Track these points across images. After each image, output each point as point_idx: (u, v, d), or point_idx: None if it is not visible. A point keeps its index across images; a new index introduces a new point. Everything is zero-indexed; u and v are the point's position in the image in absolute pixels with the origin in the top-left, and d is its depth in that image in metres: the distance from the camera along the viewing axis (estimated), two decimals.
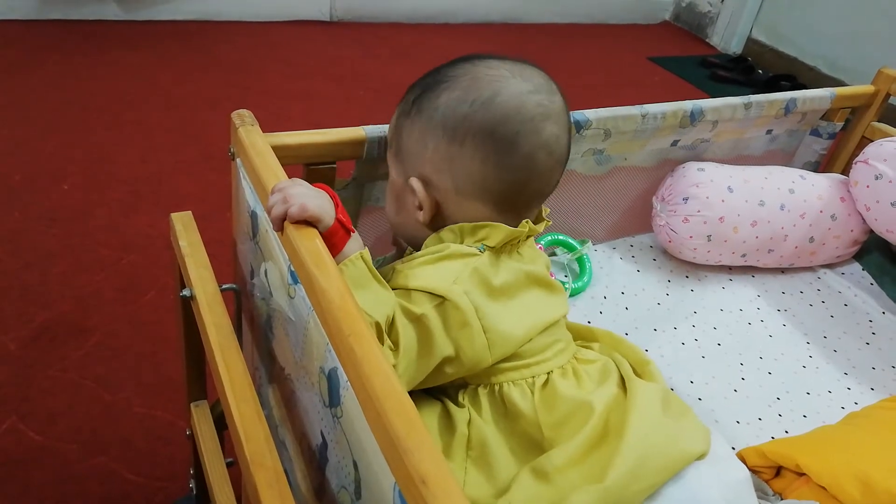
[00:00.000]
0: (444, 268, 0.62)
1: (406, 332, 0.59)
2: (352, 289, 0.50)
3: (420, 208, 0.66)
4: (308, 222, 0.55)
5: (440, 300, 0.60)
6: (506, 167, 0.63)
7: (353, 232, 0.60)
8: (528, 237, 0.67)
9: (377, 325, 0.56)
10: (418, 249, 0.67)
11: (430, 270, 0.62)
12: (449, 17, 2.99)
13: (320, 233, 0.55)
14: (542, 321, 0.65)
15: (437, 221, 0.67)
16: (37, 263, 1.39)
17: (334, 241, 0.57)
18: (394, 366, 0.55)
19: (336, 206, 0.58)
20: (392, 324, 0.59)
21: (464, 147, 0.62)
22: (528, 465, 0.59)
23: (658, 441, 0.59)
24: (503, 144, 0.62)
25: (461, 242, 0.64)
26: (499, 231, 0.63)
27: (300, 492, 0.60)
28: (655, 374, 0.68)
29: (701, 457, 0.61)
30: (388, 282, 0.63)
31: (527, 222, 0.65)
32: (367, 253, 0.59)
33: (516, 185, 0.64)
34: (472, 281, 0.61)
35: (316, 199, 0.55)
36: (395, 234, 0.73)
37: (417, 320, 0.59)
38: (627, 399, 0.62)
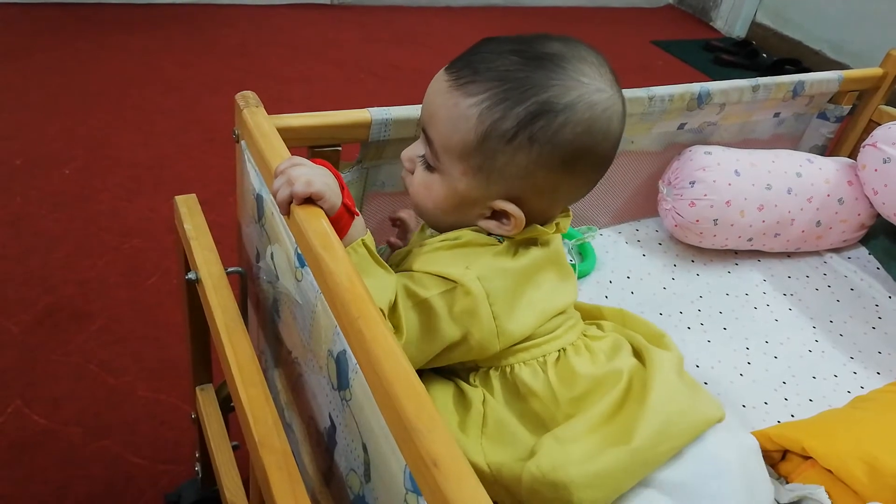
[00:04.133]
0: (459, 254, 0.61)
1: (408, 314, 0.58)
2: None
3: (503, 223, 0.63)
4: (313, 200, 0.54)
5: (451, 286, 0.59)
6: (598, 181, 0.65)
7: (358, 215, 0.59)
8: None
9: (380, 312, 0.55)
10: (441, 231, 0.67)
11: (444, 256, 0.61)
12: (450, 0, 2.97)
13: (326, 211, 0.54)
14: (552, 309, 0.65)
15: None
16: (39, 248, 1.39)
17: (340, 225, 0.57)
18: None
19: (342, 188, 0.58)
20: (394, 306, 0.58)
21: (574, 173, 0.61)
22: (549, 433, 0.59)
23: (680, 404, 0.60)
24: (607, 165, 0.63)
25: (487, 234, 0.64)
26: (529, 230, 0.63)
27: (308, 475, 0.60)
28: (671, 346, 0.69)
29: (719, 420, 0.63)
30: (402, 265, 0.62)
31: (556, 224, 0.65)
32: (369, 238, 0.59)
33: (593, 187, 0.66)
34: (485, 266, 0.60)
35: (322, 178, 0.55)
36: (427, 222, 0.71)
37: (421, 304, 0.59)
38: (647, 366, 0.64)
